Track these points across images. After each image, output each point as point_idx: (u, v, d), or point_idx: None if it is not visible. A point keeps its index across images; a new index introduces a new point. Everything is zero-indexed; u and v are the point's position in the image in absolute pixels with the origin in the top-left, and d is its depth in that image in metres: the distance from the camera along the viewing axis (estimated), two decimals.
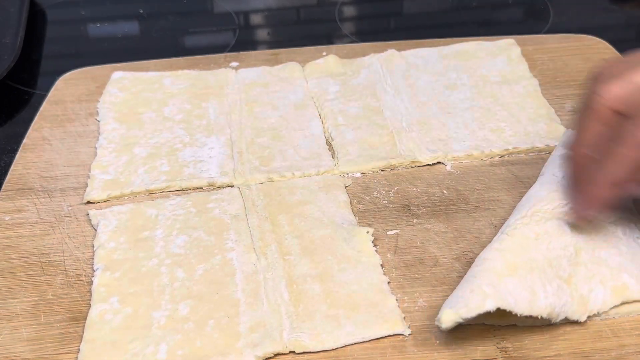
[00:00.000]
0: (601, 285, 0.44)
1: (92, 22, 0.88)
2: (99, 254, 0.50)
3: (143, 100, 0.65)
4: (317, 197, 0.53)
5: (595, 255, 0.45)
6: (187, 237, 0.50)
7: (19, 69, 0.74)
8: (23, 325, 0.45)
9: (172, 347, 0.43)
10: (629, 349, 0.42)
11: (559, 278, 0.43)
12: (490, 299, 0.40)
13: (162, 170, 0.57)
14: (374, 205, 0.53)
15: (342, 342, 0.43)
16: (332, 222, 0.51)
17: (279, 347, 0.43)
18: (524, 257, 0.44)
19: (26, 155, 0.60)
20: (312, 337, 0.43)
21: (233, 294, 0.46)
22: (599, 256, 0.45)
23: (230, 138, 0.60)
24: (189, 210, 0.53)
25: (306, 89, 0.66)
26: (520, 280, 0.42)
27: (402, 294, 0.46)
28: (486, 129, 0.59)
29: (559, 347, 0.42)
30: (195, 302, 0.46)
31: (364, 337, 0.43)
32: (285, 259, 0.48)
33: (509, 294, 0.41)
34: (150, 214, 0.53)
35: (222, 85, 0.67)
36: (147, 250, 0.50)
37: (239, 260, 0.48)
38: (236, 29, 0.85)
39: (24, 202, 0.55)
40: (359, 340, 0.43)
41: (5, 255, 0.50)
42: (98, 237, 0.51)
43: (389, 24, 0.88)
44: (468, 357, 0.42)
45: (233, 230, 0.51)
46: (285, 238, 0.50)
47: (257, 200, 0.53)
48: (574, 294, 0.43)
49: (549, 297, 0.42)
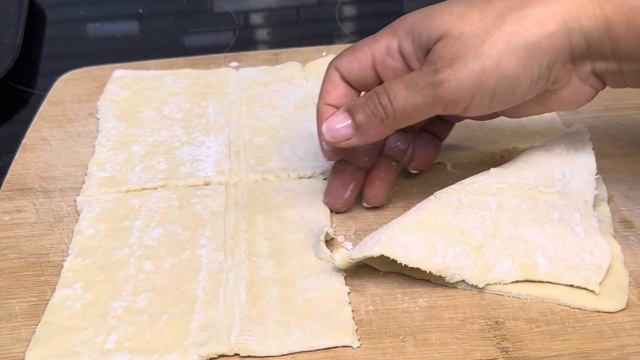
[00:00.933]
0: (510, 259, 0.45)
1: (92, 21, 0.88)
2: (75, 240, 0.50)
3: (143, 98, 0.65)
4: (299, 201, 0.53)
5: (516, 232, 0.46)
6: (164, 230, 0.50)
7: (19, 68, 0.74)
8: (22, 325, 0.45)
9: (122, 337, 0.43)
10: (630, 349, 0.42)
11: (467, 245, 0.45)
12: (378, 246, 0.44)
13: (159, 168, 0.57)
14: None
15: (288, 350, 0.42)
16: (307, 227, 0.50)
17: (224, 349, 0.42)
18: (439, 219, 0.46)
19: (25, 155, 0.60)
20: (259, 342, 0.42)
21: (193, 291, 0.46)
22: (519, 233, 0.46)
23: (229, 137, 0.60)
24: (172, 204, 0.53)
25: (306, 89, 0.66)
26: (424, 237, 0.44)
27: (402, 294, 0.46)
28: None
29: (559, 347, 0.42)
30: (155, 295, 0.46)
31: (311, 346, 0.42)
32: (252, 260, 0.48)
33: (404, 245, 0.44)
34: (134, 204, 0.53)
35: (222, 84, 0.67)
36: (122, 239, 0.50)
37: (207, 258, 0.48)
38: (236, 28, 0.85)
39: (23, 202, 0.55)
40: (305, 349, 0.42)
41: (5, 255, 0.50)
42: (79, 222, 0.51)
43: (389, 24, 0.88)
44: (468, 357, 0.42)
45: (209, 227, 0.51)
46: (256, 239, 0.50)
47: (241, 199, 0.53)
48: (479, 261, 0.45)
49: (447, 258, 0.44)
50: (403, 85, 0.44)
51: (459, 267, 0.44)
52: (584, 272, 0.44)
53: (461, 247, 0.45)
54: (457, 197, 0.47)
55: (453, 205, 0.47)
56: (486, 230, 0.46)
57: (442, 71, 0.43)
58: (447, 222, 0.46)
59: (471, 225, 0.46)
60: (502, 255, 0.45)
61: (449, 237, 0.45)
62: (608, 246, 0.46)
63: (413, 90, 0.43)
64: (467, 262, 0.45)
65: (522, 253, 0.45)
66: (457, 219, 0.46)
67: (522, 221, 0.46)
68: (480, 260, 0.45)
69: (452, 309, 0.45)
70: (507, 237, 0.46)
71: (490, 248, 0.45)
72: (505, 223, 0.46)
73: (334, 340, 0.42)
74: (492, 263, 0.45)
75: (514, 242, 0.46)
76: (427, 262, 0.44)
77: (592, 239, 0.46)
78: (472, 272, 0.45)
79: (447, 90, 0.43)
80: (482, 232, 0.46)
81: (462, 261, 0.45)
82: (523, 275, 0.45)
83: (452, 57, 0.43)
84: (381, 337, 0.43)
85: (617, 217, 0.51)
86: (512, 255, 0.45)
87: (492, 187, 0.48)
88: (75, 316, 0.45)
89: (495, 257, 0.45)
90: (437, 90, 0.43)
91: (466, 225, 0.46)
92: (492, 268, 0.45)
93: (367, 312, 0.45)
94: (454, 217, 0.46)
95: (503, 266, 0.45)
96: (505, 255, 0.45)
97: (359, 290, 0.46)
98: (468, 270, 0.45)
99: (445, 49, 0.43)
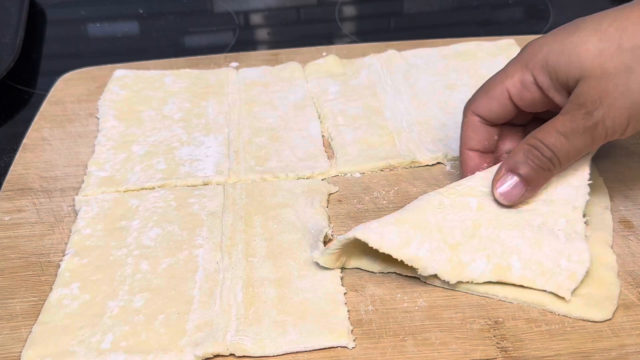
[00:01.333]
0: (486, 259, 0.45)
1: (92, 22, 0.88)
2: (73, 239, 0.50)
3: (144, 98, 0.65)
4: (297, 201, 0.53)
5: (495, 233, 0.46)
6: (161, 230, 0.51)
7: (19, 68, 0.74)
8: (23, 325, 0.45)
9: (118, 337, 0.43)
10: (629, 348, 0.42)
11: (443, 242, 0.46)
12: (352, 232, 0.45)
13: (159, 168, 0.57)
14: (374, 205, 0.53)
15: (284, 350, 0.42)
16: (304, 227, 0.50)
17: (220, 349, 0.42)
18: (417, 217, 0.46)
19: (26, 155, 0.60)
20: (255, 342, 0.42)
21: (190, 291, 0.46)
22: (498, 235, 0.46)
23: (228, 137, 0.60)
24: (170, 204, 0.53)
25: (306, 89, 0.66)
26: (400, 230, 0.45)
27: (402, 294, 0.46)
28: None
29: (559, 347, 0.42)
30: (152, 295, 0.46)
31: (306, 346, 0.42)
32: (249, 260, 0.48)
33: (379, 234, 0.45)
34: (132, 204, 0.53)
35: (222, 84, 0.67)
36: (119, 239, 0.50)
37: (204, 258, 0.48)
38: (236, 29, 0.85)
39: (23, 202, 0.55)
40: (301, 349, 0.42)
41: (5, 255, 0.50)
42: (77, 222, 0.52)
43: (389, 24, 0.88)
44: (468, 357, 0.42)
45: (206, 227, 0.51)
46: (254, 239, 0.50)
47: (239, 199, 0.53)
48: (453, 259, 0.45)
49: (421, 251, 0.45)
50: (560, 135, 0.45)
51: (432, 261, 0.45)
52: (558, 278, 0.44)
53: (437, 244, 0.45)
54: (439, 199, 0.48)
55: (434, 205, 0.47)
56: (465, 230, 0.46)
57: (595, 113, 0.44)
58: (426, 220, 0.46)
59: (450, 224, 0.46)
60: (478, 255, 0.45)
61: (426, 233, 0.46)
62: (587, 252, 0.45)
63: (572, 137, 0.45)
64: (442, 257, 0.45)
65: (497, 254, 0.45)
66: (437, 218, 0.47)
67: (502, 224, 0.47)
68: (455, 258, 0.45)
69: (451, 309, 0.45)
70: (485, 238, 0.46)
71: (467, 247, 0.46)
72: (485, 224, 0.47)
73: (329, 341, 0.43)
74: (466, 261, 0.45)
75: (491, 243, 0.46)
76: (399, 251, 0.45)
77: (573, 244, 0.45)
78: (444, 267, 0.45)
79: (603, 129, 0.44)
80: (461, 232, 0.46)
81: (437, 256, 0.45)
82: (496, 277, 0.45)
83: (599, 97, 0.43)
84: (381, 337, 0.43)
85: (616, 217, 0.51)
86: (487, 256, 0.45)
87: (476, 190, 0.48)
88: (72, 316, 0.45)
89: (470, 256, 0.45)
90: (594, 132, 0.44)
91: (445, 224, 0.46)
92: (467, 266, 0.45)
93: (366, 312, 0.45)
94: (433, 215, 0.47)
95: (477, 265, 0.45)
96: (481, 255, 0.45)
97: (359, 290, 0.46)
98: (441, 266, 0.45)
99: (591, 89, 0.44)
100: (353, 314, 0.45)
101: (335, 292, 0.46)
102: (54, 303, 0.46)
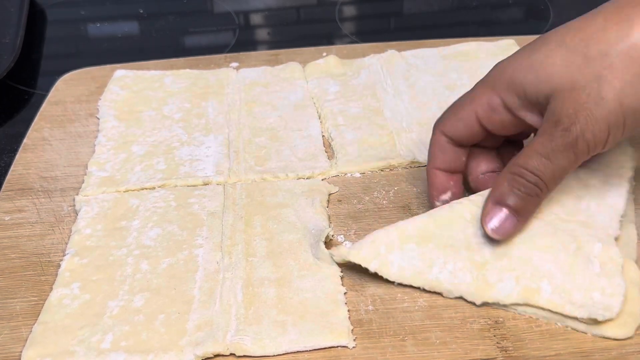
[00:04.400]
0: (514, 281, 0.44)
1: (92, 22, 0.89)
2: (73, 239, 0.50)
3: (144, 98, 0.65)
4: (297, 201, 0.53)
5: (528, 254, 0.45)
6: (161, 230, 0.51)
7: (19, 68, 0.74)
8: (23, 325, 0.45)
9: (118, 337, 0.43)
10: (630, 348, 0.42)
11: (469, 261, 0.44)
12: (375, 262, 0.45)
13: (159, 168, 0.57)
14: (374, 205, 0.53)
15: (283, 349, 0.42)
16: (305, 227, 0.50)
17: (220, 348, 0.42)
18: (445, 232, 0.45)
19: (26, 155, 0.60)
20: (255, 342, 0.42)
21: (190, 291, 0.46)
22: (530, 256, 0.44)
23: (228, 137, 0.60)
24: (170, 204, 0.53)
25: (306, 89, 0.66)
26: (423, 252, 0.45)
27: (402, 294, 0.46)
28: None
29: (559, 347, 0.42)
30: (152, 295, 0.46)
31: (306, 346, 0.42)
32: (249, 260, 0.48)
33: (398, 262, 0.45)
34: (132, 204, 0.53)
35: (222, 84, 0.67)
36: (119, 239, 0.50)
37: (204, 258, 0.48)
38: (236, 29, 0.85)
39: (24, 202, 0.55)
40: (301, 349, 0.42)
41: (5, 255, 0.50)
42: (77, 222, 0.52)
43: (389, 24, 0.88)
44: (468, 356, 0.42)
45: (207, 227, 0.51)
46: (254, 239, 0.50)
47: (239, 199, 0.53)
48: (480, 278, 0.44)
49: (443, 274, 0.44)
50: (541, 157, 0.43)
51: (456, 283, 0.44)
52: (590, 309, 0.42)
53: (462, 263, 0.44)
54: (471, 209, 0.46)
55: (465, 218, 0.46)
56: (496, 248, 0.45)
57: (572, 128, 0.42)
58: (454, 236, 0.45)
59: (480, 240, 0.45)
60: (506, 275, 0.44)
61: (452, 252, 0.44)
62: (623, 288, 0.43)
63: (554, 157, 0.43)
64: (466, 278, 0.44)
65: (527, 276, 0.44)
66: (466, 234, 0.45)
67: (536, 245, 0.45)
68: (480, 277, 0.44)
69: (452, 309, 0.45)
70: (516, 258, 0.44)
71: (495, 266, 0.44)
72: (518, 244, 0.45)
73: (329, 341, 0.43)
74: (493, 281, 0.44)
75: (522, 264, 0.44)
76: (420, 279, 0.44)
77: (608, 278, 0.43)
78: (469, 289, 0.44)
79: (584, 143, 0.42)
80: (491, 251, 0.45)
81: (460, 277, 0.44)
82: (524, 299, 0.43)
83: (574, 110, 0.42)
84: (381, 337, 0.43)
85: None
86: (516, 277, 0.44)
87: None
88: (73, 315, 0.45)
89: (497, 276, 0.44)
90: (576, 148, 0.42)
91: (474, 240, 0.45)
92: (493, 286, 0.44)
93: (366, 312, 0.45)
94: (463, 230, 0.45)
95: (505, 286, 0.44)
96: (509, 276, 0.44)
97: (359, 289, 0.46)
98: (465, 288, 0.44)
99: (564, 104, 0.42)
100: (353, 313, 0.45)
101: (335, 291, 0.46)
102: (54, 303, 0.46)
